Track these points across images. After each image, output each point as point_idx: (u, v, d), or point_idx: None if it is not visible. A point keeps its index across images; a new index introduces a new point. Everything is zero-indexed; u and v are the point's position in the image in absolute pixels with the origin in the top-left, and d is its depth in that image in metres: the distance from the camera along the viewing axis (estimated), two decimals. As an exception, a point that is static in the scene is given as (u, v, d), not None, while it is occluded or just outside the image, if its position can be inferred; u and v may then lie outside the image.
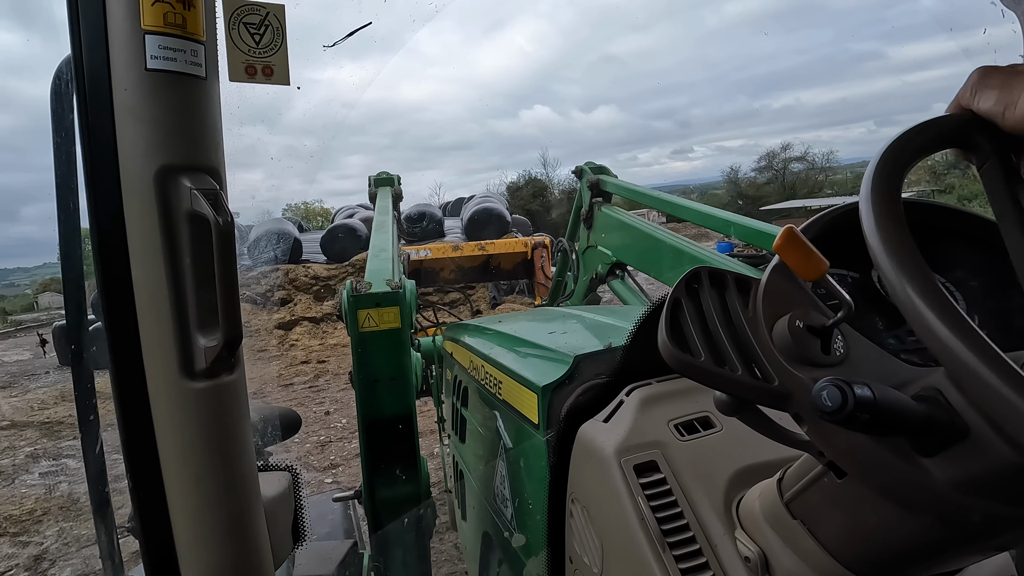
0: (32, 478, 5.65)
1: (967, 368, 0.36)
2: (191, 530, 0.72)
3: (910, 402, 0.42)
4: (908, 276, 0.41)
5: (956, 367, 0.37)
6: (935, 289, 0.39)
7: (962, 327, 0.37)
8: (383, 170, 3.25)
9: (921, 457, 0.44)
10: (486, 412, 1.55)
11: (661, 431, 0.82)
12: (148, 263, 0.67)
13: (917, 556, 0.53)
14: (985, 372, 0.35)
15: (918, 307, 0.39)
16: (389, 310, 1.71)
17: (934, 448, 0.43)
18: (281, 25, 0.80)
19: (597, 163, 3.08)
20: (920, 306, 0.39)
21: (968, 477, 0.42)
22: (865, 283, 0.61)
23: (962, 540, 0.49)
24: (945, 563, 0.55)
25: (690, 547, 0.70)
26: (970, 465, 0.41)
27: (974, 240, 0.62)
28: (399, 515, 1.80)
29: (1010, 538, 0.50)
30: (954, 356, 0.36)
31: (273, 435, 1.63)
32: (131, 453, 0.70)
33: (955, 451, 0.42)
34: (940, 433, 0.42)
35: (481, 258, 7.03)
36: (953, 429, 0.42)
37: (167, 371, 0.68)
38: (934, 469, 0.43)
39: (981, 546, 0.51)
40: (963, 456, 0.42)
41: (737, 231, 2.08)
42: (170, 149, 0.66)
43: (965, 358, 0.36)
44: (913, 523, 0.50)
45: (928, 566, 0.55)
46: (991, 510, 0.42)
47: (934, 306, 0.38)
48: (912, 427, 0.42)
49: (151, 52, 0.64)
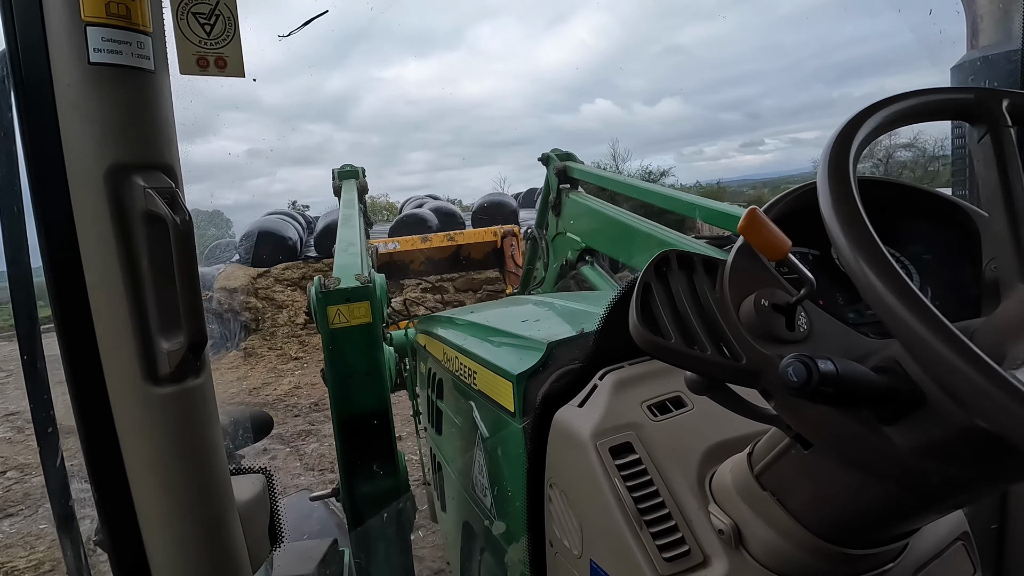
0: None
1: (918, 339, 0.37)
2: (163, 540, 0.70)
3: (871, 374, 0.44)
4: (861, 252, 0.42)
5: (908, 339, 0.38)
6: (887, 264, 0.41)
7: (911, 300, 0.38)
8: (347, 163, 3.18)
9: (883, 425, 0.46)
10: (462, 403, 1.55)
11: (635, 413, 0.84)
12: (103, 266, 0.64)
13: (880, 518, 0.56)
14: (934, 342, 0.36)
15: (871, 282, 0.40)
16: (359, 305, 1.69)
17: (894, 416, 0.45)
18: (233, 15, 0.77)
19: (563, 150, 3.07)
20: (873, 281, 0.40)
21: (926, 442, 0.44)
22: (825, 260, 0.63)
23: (921, 501, 0.52)
24: (906, 523, 0.58)
25: (666, 523, 0.71)
26: (928, 431, 0.44)
27: (927, 215, 0.65)
28: (378, 510, 1.79)
29: (965, 497, 0.52)
30: (906, 328, 0.38)
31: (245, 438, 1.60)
32: (95, 464, 0.68)
33: (914, 418, 0.44)
34: (899, 402, 0.44)
35: (451, 249, 6.96)
36: (911, 398, 0.44)
37: (129, 377, 0.66)
38: (895, 436, 0.45)
39: (939, 506, 0.54)
40: (921, 423, 0.44)
41: (702, 213, 2.11)
42: (120, 147, 0.63)
43: (916, 329, 0.37)
44: (876, 488, 0.52)
45: (890, 527, 0.58)
46: (947, 472, 0.45)
47: (886, 281, 0.40)
48: (873, 397, 0.44)
49: (94, 45, 0.61)
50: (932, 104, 0.54)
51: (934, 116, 0.55)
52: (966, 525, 0.75)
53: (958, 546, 0.73)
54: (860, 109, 0.53)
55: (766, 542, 0.63)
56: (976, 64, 1.23)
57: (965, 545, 0.74)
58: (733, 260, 0.57)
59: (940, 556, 0.70)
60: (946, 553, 0.71)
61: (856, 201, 0.45)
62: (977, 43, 1.26)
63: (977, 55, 1.24)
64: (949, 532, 0.72)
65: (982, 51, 1.23)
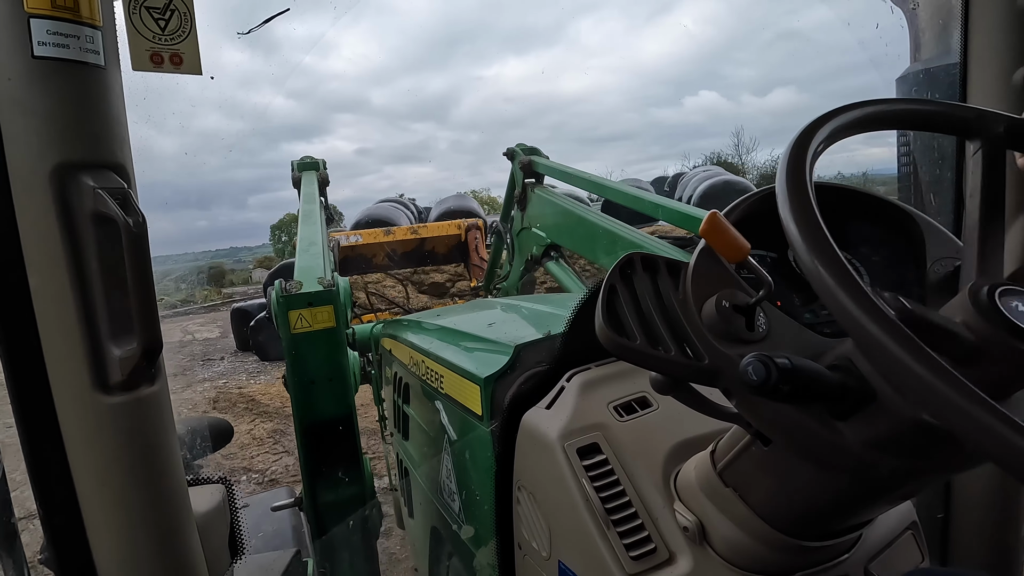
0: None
1: (869, 337, 0.39)
2: (115, 555, 0.67)
3: (825, 372, 0.46)
4: (817, 255, 0.44)
5: (860, 337, 0.40)
6: (840, 266, 0.42)
7: (863, 300, 0.40)
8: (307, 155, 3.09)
9: (836, 421, 0.47)
10: (429, 407, 1.53)
11: (601, 414, 0.85)
12: (48, 270, 0.61)
13: (836, 510, 0.58)
14: (885, 340, 0.38)
15: (826, 282, 0.42)
16: (322, 309, 1.66)
17: (847, 412, 0.47)
18: (189, 10, 0.75)
19: (528, 144, 3.05)
20: (828, 281, 0.42)
21: (876, 436, 0.46)
22: (782, 262, 0.65)
23: (872, 492, 0.54)
24: (859, 514, 0.60)
25: (633, 522, 0.72)
26: (878, 425, 0.46)
27: (874, 218, 0.68)
28: (343, 518, 1.75)
29: (912, 487, 0.55)
30: (858, 326, 0.40)
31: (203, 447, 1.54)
32: (40, 477, 0.64)
33: (865, 414, 0.46)
34: (852, 398, 0.46)
35: (415, 242, 6.83)
36: (863, 394, 0.46)
37: (77, 386, 0.63)
38: (847, 431, 0.47)
39: (888, 496, 0.56)
40: (872, 418, 0.46)
41: (665, 214, 2.15)
42: (67, 145, 0.60)
43: (868, 328, 0.39)
44: (831, 481, 0.54)
45: (845, 518, 0.60)
46: (895, 463, 0.47)
47: (839, 281, 0.41)
48: (828, 394, 0.46)
49: (38, 38, 0.58)
50: (926, 114, 0.57)
51: (925, 127, 0.57)
52: (915, 515, 0.78)
53: (907, 535, 0.76)
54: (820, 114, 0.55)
55: (728, 537, 0.65)
56: (919, 76, 1.30)
57: (914, 534, 0.77)
58: (695, 262, 0.58)
59: (891, 545, 0.73)
60: (897, 542, 0.74)
61: (813, 205, 0.47)
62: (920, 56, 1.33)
63: (920, 67, 1.30)
64: (899, 523, 0.76)
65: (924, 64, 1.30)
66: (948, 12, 1.19)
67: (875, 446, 0.46)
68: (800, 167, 0.50)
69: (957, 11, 1.11)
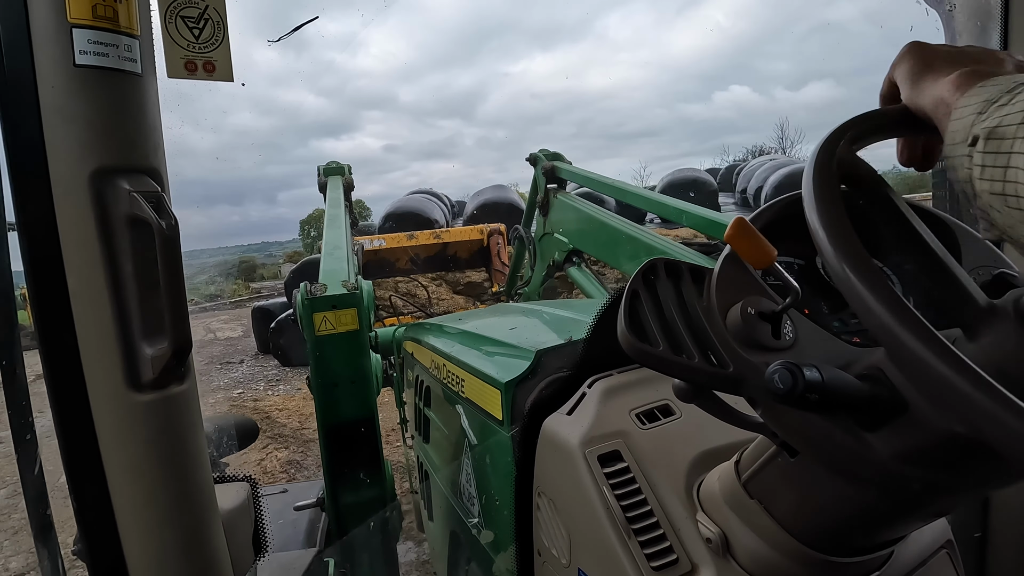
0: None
1: (904, 347, 0.38)
2: (144, 549, 0.69)
3: (855, 381, 0.45)
4: (848, 261, 0.43)
5: (894, 346, 0.39)
6: (873, 273, 0.41)
7: (898, 308, 0.39)
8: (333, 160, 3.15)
9: (866, 432, 0.46)
10: (449, 411, 1.54)
11: (623, 421, 0.84)
12: (85, 271, 0.63)
13: (865, 525, 0.56)
14: (920, 350, 0.37)
15: (857, 290, 0.41)
16: (346, 312, 1.68)
17: (877, 423, 0.46)
18: (222, 18, 0.77)
19: (551, 150, 3.06)
20: (859, 289, 0.41)
21: (908, 449, 0.44)
22: (810, 269, 0.64)
23: (904, 507, 0.53)
24: (890, 530, 0.58)
25: (654, 532, 0.71)
26: (910, 437, 0.44)
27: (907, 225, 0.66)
28: (364, 520, 1.77)
29: (946, 503, 0.53)
30: (892, 336, 0.38)
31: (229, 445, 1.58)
32: (75, 472, 0.66)
33: (896, 425, 0.45)
34: (882, 409, 0.45)
35: (437, 246, 6.89)
36: (894, 405, 0.44)
37: (111, 384, 0.65)
38: (877, 443, 0.45)
39: (921, 512, 0.54)
40: (903, 430, 0.44)
41: (689, 220, 2.12)
42: (105, 150, 0.63)
43: (902, 337, 0.38)
44: (860, 495, 0.53)
45: (875, 534, 0.58)
46: (929, 478, 0.45)
47: (872, 289, 0.40)
48: (857, 405, 0.45)
49: (80, 47, 0.60)
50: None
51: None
52: (950, 534, 0.76)
53: (942, 555, 0.74)
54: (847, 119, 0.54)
55: (753, 550, 0.63)
56: (956, 79, 1.26)
57: (949, 553, 0.75)
58: (720, 268, 0.57)
59: (925, 564, 0.70)
60: (931, 561, 0.71)
61: (842, 210, 0.46)
62: (956, 59, 1.28)
63: (957, 70, 1.26)
64: (933, 540, 0.73)
65: (961, 67, 1.26)
66: (987, 14, 1.16)
67: (907, 459, 0.45)
68: (828, 171, 0.49)
69: (996, 12, 1.08)
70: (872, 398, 0.45)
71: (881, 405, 0.45)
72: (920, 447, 0.44)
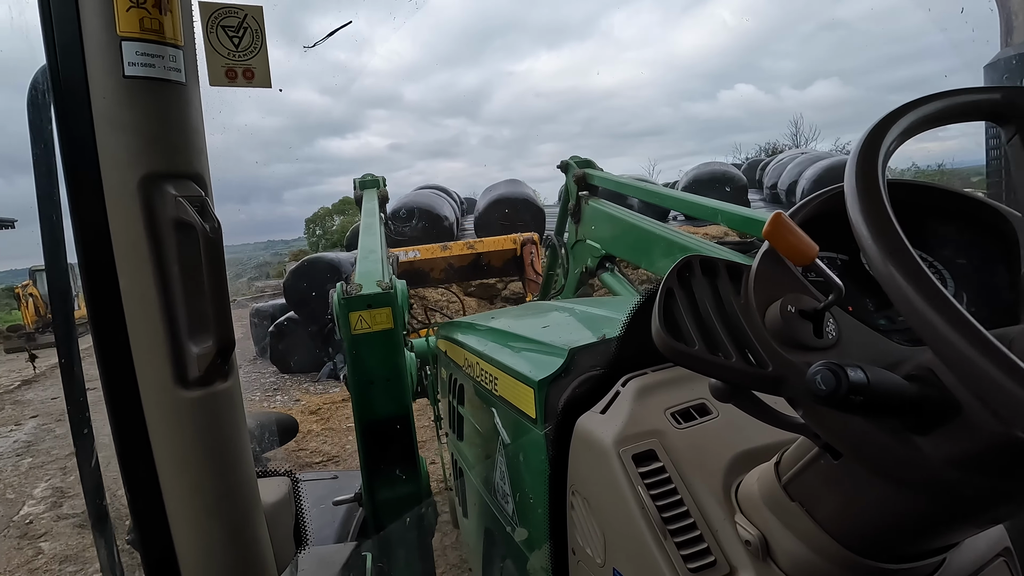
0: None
1: (952, 348, 0.36)
2: (192, 540, 0.72)
3: (902, 382, 0.43)
4: (891, 257, 0.41)
5: (942, 348, 0.37)
6: (918, 270, 0.39)
7: (945, 307, 0.37)
8: (368, 172, 3.24)
9: (914, 435, 0.44)
10: (483, 409, 1.55)
11: (658, 420, 0.83)
12: (136, 272, 0.66)
13: (913, 532, 0.54)
14: (970, 351, 0.35)
15: (901, 288, 0.39)
16: (381, 311, 1.71)
17: (927, 426, 0.44)
18: (260, 27, 0.79)
19: (582, 157, 3.08)
20: (903, 287, 0.39)
21: (961, 453, 0.42)
22: (854, 265, 0.62)
23: (957, 514, 0.50)
24: (941, 537, 0.56)
25: (691, 533, 0.70)
26: (963, 441, 0.42)
27: (959, 218, 0.63)
28: (400, 515, 1.80)
29: (1004, 511, 0.50)
30: (939, 336, 0.37)
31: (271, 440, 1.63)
32: (128, 465, 0.69)
33: (948, 428, 0.43)
34: (933, 411, 0.43)
35: (471, 256, 6.96)
36: (945, 407, 0.42)
37: (161, 381, 0.68)
38: (927, 447, 0.44)
39: (975, 519, 0.52)
40: (956, 433, 0.42)
41: (725, 218, 2.08)
42: (153, 157, 0.65)
43: (950, 338, 0.36)
44: (909, 500, 0.51)
45: (925, 541, 0.56)
46: (984, 484, 0.43)
47: (917, 287, 0.39)
48: (905, 407, 0.43)
49: (128, 59, 0.63)
50: (960, 106, 0.53)
51: (962, 118, 0.53)
52: (1007, 540, 0.72)
53: (999, 563, 0.70)
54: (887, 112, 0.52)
55: (794, 554, 0.62)
56: (1012, 62, 1.20)
57: (1007, 562, 0.71)
58: (758, 265, 0.56)
59: (980, 573, 0.67)
60: (986, 570, 0.68)
61: (885, 205, 0.44)
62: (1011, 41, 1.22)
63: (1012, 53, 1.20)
64: (989, 548, 0.70)
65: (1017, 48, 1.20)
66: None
67: (959, 464, 0.43)
68: (871, 164, 0.47)
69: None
70: (921, 400, 0.43)
71: (931, 407, 0.43)
72: (975, 452, 0.42)
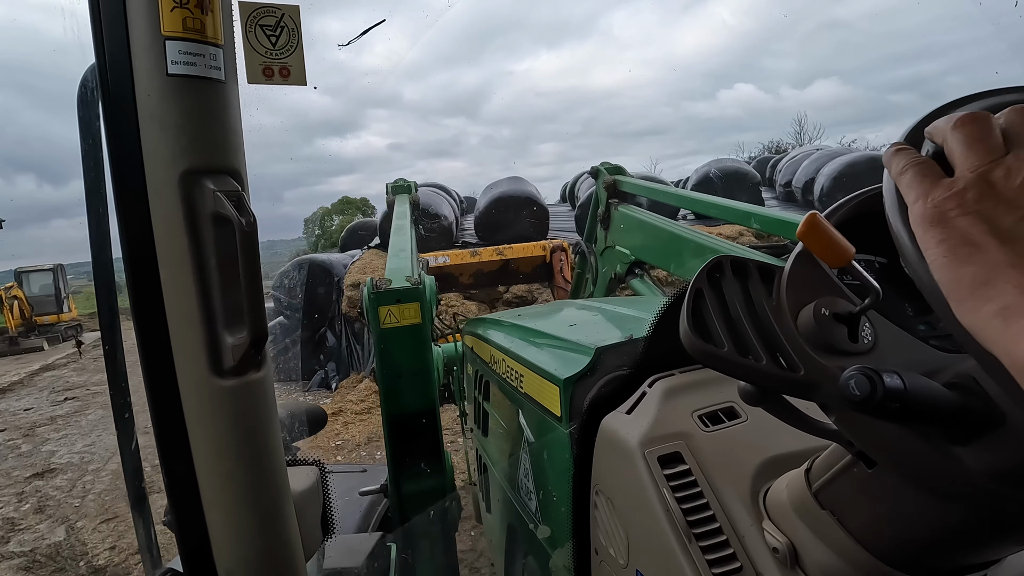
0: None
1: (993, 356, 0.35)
2: (224, 523, 0.74)
3: (942, 390, 0.41)
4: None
5: (981, 355, 0.35)
6: None
7: None
8: (398, 177, 3.34)
9: (954, 446, 0.42)
10: (508, 406, 1.55)
11: (685, 422, 0.82)
12: (175, 265, 0.68)
13: (951, 546, 0.52)
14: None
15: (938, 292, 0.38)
16: (410, 306, 1.73)
17: (968, 437, 0.42)
18: (296, 26, 0.81)
19: (612, 163, 3.07)
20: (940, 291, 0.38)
21: (1005, 466, 0.41)
22: (893, 268, 0.60)
23: (998, 530, 0.48)
24: (980, 553, 0.53)
25: (717, 538, 0.69)
26: (1007, 454, 0.40)
27: None
28: (424, 508, 1.82)
29: None
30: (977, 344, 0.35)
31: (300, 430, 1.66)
32: (165, 450, 0.72)
33: (990, 439, 0.41)
34: (974, 421, 0.41)
35: (499, 262, 7.01)
36: (988, 417, 0.41)
37: (197, 370, 0.70)
38: (968, 458, 0.42)
39: (1018, 536, 0.49)
40: (999, 444, 0.41)
41: (758, 221, 2.04)
42: (193, 153, 0.67)
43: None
44: (947, 513, 0.49)
45: (964, 555, 0.54)
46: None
47: None
48: (944, 416, 0.41)
49: (172, 57, 0.65)
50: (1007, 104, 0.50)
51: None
52: None
53: None
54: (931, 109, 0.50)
55: (824, 563, 0.60)
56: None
57: None
58: (791, 267, 0.54)
59: None
60: None
61: None
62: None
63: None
64: None
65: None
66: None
67: (1002, 477, 0.41)
68: None
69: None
70: (962, 409, 0.41)
71: (973, 417, 0.41)
72: (1019, 464, 0.40)
